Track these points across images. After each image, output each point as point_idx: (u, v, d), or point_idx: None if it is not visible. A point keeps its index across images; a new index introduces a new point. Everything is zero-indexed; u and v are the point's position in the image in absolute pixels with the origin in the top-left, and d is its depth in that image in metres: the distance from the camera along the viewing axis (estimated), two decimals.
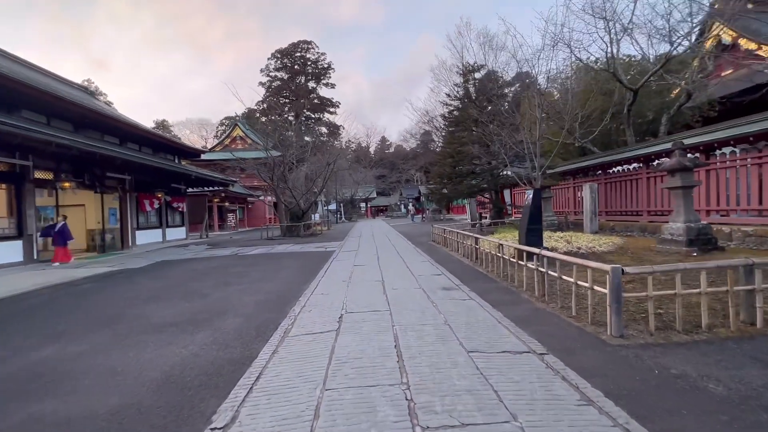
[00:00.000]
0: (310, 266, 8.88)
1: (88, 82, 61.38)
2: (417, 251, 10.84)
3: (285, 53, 63.49)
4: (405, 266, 8.14)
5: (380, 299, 5.28)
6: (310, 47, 64.04)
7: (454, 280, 6.47)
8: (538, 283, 5.14)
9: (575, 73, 15.02)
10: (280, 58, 63.62)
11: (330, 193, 42.41)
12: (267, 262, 10.00)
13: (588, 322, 3.94)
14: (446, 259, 9.15)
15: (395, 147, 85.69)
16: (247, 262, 10.31)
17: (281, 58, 63.64)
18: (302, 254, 11.63)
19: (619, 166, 12.14)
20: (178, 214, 19.65)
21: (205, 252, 13.68)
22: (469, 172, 13.99)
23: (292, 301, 5.42)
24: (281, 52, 63.25)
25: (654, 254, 7.24)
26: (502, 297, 5.25)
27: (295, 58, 64.09)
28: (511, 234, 10.79)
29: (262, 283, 7.03)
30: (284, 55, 63.60)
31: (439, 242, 12.16)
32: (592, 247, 8.07)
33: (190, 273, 8.77)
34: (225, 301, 5.72)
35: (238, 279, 7.59)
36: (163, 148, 18.41)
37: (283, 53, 63.30)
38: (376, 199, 64.10)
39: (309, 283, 6.70)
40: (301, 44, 63.35)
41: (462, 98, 14.16)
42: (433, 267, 7.94)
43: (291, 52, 63.64)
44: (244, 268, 9.05)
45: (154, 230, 17.25)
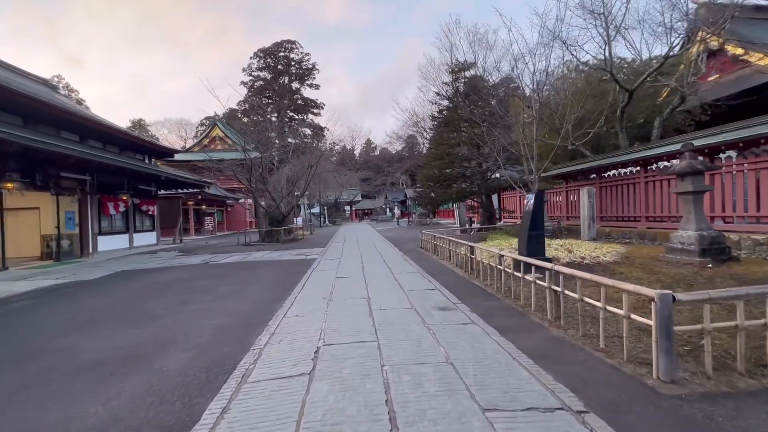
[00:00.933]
0: (287, 278, 7.94)
1: (58, 78, 58.34)
2: (405, 260, 10.04)
3: (268, 53, 62.03)
4: (393, 278, 7.31)
5: (366, 324, 4.42)
6: (294, 47, 62.83)
7: (450, 297, 5.67)
8: (550, 303, 4.39)
9: (567, 73, 14.61)
10: (263, 58, 62.13)
11: (313, 195, 41.30)
12: (239, 273, 9.00)
13: (623, 358, 3.19)
14: (438, 269, 8.36)
15: (380, 150, 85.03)
16: (217, 272, 9.27)
17: (264, 57, 62.15)
18: (280, 263, 10.65)
19: (615, 170, 11.67)
20: (147, 217, 18.28)
21: (174, 260, 12.52)
22: (459, 174, 13.30)
23: (260, 327, 4.50)
24: (264, 51, 61.78)
25: (665, 265, 6.64)
26: (509, 321, 4.47)
27: (279, 57, 62.71)
28: (506, 242, 10.12)
29: (228, 301, 6.06)
30: (267, 55, 62.14)
31: (429, 249, 11.40)
32: (596, 256, 7.44)
33: (148, 287, 7.70)
34: (178, 326, 4.75)
35: (201, 295, 6.59)
36: (131, 147, 17.08)
37: (266, 53, 61.84)
38: (361, 202, 63.20)
39: (283, 301, 5.79)
40: (285, 44, 62.08)
41: (451, 97, 13.49)
42: (425, 279, 7.13)
43: (274, 51, 62.24)
44: (212, 281, 8.03)
45: (119, 235, 15.89)
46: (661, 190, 9.82)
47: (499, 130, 11.83)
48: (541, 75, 10.05)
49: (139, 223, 17.49)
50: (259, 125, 29.55)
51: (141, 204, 17.12)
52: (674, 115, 14.16)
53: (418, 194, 14.46)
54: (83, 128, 13.89)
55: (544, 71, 10.44)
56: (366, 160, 79.21)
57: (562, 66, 13.41)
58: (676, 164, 7.08)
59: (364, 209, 63.74)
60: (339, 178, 49.31)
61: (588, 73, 15.62)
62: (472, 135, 12.38)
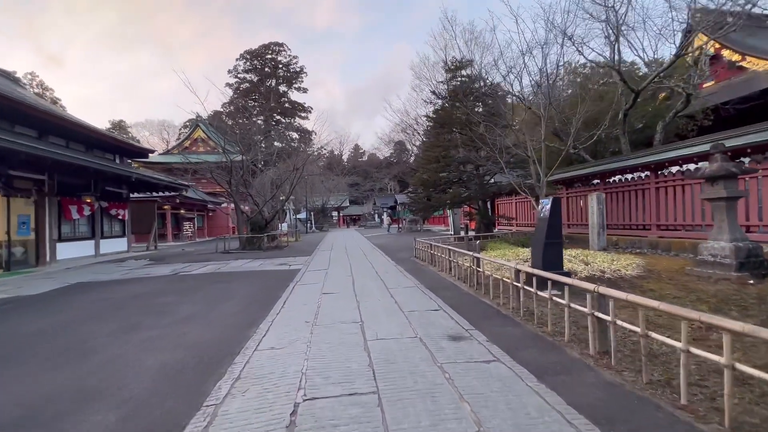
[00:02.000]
0: (266, 293, 6.87)
1: (31, 75, 55.97)
2: (399, 271, 9.07)
3: (255, 54, 60.79)
4: (388, 295, 6.33)
5: (360, 362, 3.42)
6: (282, 49, 61.77)
7: (460, 320, 4.72)
8: (593, 334, 3.49)
9: (568, 74, 14.04)
10: (250, 60, 60.86)
11: (300, 200, 40.06)
12: (210, 287, 7.86)
13: (726, 426, 2.28)
14: (438, 283, 7.42)
15: (369, 155, 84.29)
16: (185, 286, 8.11)
17: (251, 59, 60.88)
18: (259, 274, 9.54)
19: (621, 175, 11.00)
20: (117, 222, 16.85)
21: (141, 270, 11.24)
22: (455, 179, 12.45)
23: (222, 366, 3.46)
24: (251, 53, 60.53)
25: (698, 281, 5.85)
26: (542, 356, 3.54)
27: (266, 60, 61.50)
28: (511, 251, 9.27)
29: (189, 326, 4.97)
30: (254, 57, 60.88)
31: (425, 259, 10.46)
32: (617, 270, 6.62)
33: (98, 305, 6.51)
34: (115, 365, 3.66)
35: (157, 317, 5.47)
36: (100, 146, 15.70)
37: (252, 54, 60.59)
38: (348, 208, 62.05)
39: (257, 326, 4.74)
40: (273, 46, 60.99)
41: (447, 96, 12.69)
42: (425, 296, 6.17)
43: (261, 53, 61.02)
44: (177, 297, 6.89)
45: (83, 242, 14.46)
46: (674, 197, 9.15)
47: (500, 131, 11.06)
48: (547, 72, 9.34)
49: (107, 229, 16.05)
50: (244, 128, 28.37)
51: (109, 207, 15.72)
52: (674, 120, 13.70)
53: (411, 199, 13.55)
54: (43, 123, 12.52)
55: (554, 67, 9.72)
56: (354, 165, 78.27)
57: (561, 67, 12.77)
58: (705, 167, 6.34)
59: (352, 215, 62.61)
60: (326, 183, 48.16)
61: (587, 75, 15.08)
62: (470, 137, 11.58)
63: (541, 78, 9.60)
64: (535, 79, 9.39)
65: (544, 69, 9.50)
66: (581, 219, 12.25)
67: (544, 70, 9.59)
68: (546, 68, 9.36)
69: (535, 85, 10.01)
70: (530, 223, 15.59)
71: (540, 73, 9.46)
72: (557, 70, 9.84)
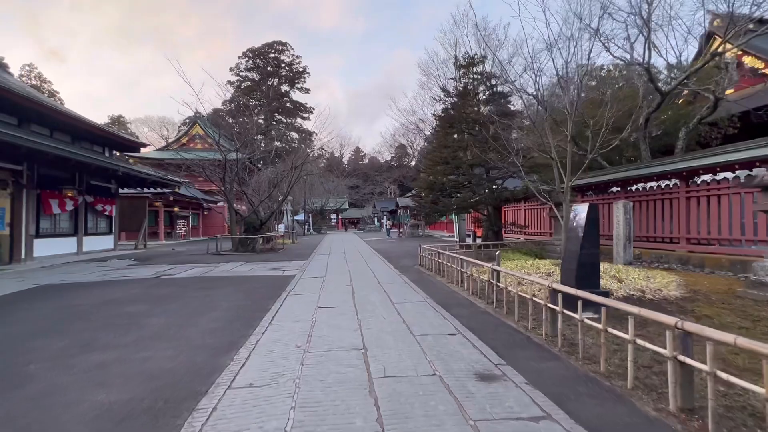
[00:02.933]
0: (252, 306, 5.99)
1: (29, 67, 55.27)
2: (404, 282, 8.20)
3: (258, 53, 60.18)
4: (395, 312, 5.46)
5: (364, 414, 2.55)
6: (285, 49, 61.20)
7: (485, 349, 3.86)
8: (674, 384, 2.63)
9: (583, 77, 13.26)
10: (252, 58, 60.25)
11: (298, 202, 39.20)
12: (191, 295, 6.98)
13: None
14: (449, 297, 6.56)
15: (369, 158, 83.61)
16: (164, 292, 7.22)
17: (253, 57, 60.27)
18: (249, 281, 8.66)
19: (645, 183, 10.20)
20: (104, 218, 15.94)
21: (123, 271, 10.35)
22: (465, 182, 11.60)
23: (179, 416, 2.59)
24: (254, 51, 59.91)
25: (756, 305, 5.01)
26: (606, 412, 2.67)
27: (269, 59, 60.91)
28: (527, 262, 8.43)
29: (153, 347, 4.09)
30: (257, 55, 60.27)
31: (431, 268, 9.60)
32: (657, 289, 5.77)
33: (58, 314, 5.62)
34: (38, 406, 2.78)
35: (120, 333, 4.59)
36: (87, 137, 14.85)
37: (255, 53, 59.97)
38: (348, 211, 61.11)
39: (236, 351, 3.87)
40: (276, 45, 60.41)
41: (459, 94, 11.87)
42: (438, 315, 5.30)
43: (264, 52, 60.42)
44: (150, 307, 6.00)
45: (64, 239, 13.55)
46: (707, 207, 8.33)
47: (516, 131, 10.25)
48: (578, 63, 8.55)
49: (91, 225, 15.15)
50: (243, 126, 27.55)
51: (95, 202, 14.83)
52: (696, 127, 12.93)
53: (416, 203, 12.69)
54: (23, 110, 11.67)
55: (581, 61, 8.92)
56: (354, 168, 77.54)
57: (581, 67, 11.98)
58: (762, 174, 5.52)
59: (350, 218, 61.68)
60: (326, 185, 47.36)
61: (602, 77, 14.32)
62: (481, 137, 10.77)
63: (567, 72, 8.81)
64: (557, 75, 8.63)
65: (569, 63, 8.70)
66: (601, 229, 11.40)
67: (570, 63, 8.78)
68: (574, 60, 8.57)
69: (555, 81, 9.23)
70: (542, 231, 14.76)
71: (566, 65, 8.65)
72: (587, 64, 9.04)
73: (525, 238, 15.99)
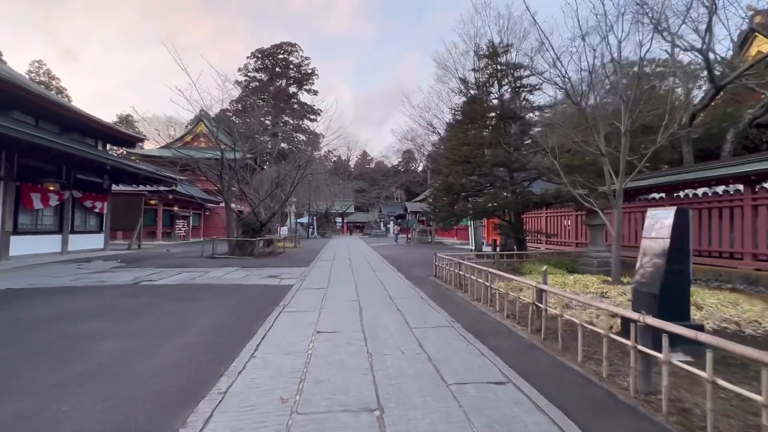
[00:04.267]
0: (234, 327, 4.80)
1: (38, 63, 55.31)
2: (420, 297, 6.97)
3: (266, 54, 59.70)
4: (415, 343, 4.23)
5: None
6: (294, 50, 60.71)
7: (558, 417, 2.62)
8: None
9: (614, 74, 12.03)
10: (261, 59, 59.77)
11: (303, 204, 38.16)
12: (166, 309, 5.81)
13: None
14: (480, 321, 5.32)
15: (376, 163, 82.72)
16: (134, 304, 6.06)
17: (262, 58, 59.80)
18: (239, 290, 7.48)
19: (694, 189, 8.91)
20: (93, 216, 14.93)
21: (102, 275, 9.24)
22: (487, 183, 10.34)
23: None
24: (262, 52, 59.44)
25: None
26: None
27: (278, 59, 60.40)
28: (571, 279, 7.15)
29: (83, 392, 2.91)
30: (265, 56, 59.79)
31: (449, 281, 8.38)
32: (754, 320, 4.48)
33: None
34: None
35: (47, 369, 3.42)
36: (78, 128, 13.88)
37: (264, 53, 59.50)
38: (353, 215, 59.99)
39: (191, 410, 2.67)
40: (285, 46, 59.95)
41: (481, 86, 10.64)
42: (473, 350, 4.06)
43: (273, 53, 59.94)
44: (110, 324, 4.84)
45: (47, 236, 12.51)
46: None
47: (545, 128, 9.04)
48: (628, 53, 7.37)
49: (79, 222, 14.13)
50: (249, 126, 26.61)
51: (84, 198, 13.82)
52: (745, 129, 11.61)
53: (430, 207, 11.47)
54: (2, 95, 10.70)
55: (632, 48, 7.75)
56: (361, 172, 76.64)
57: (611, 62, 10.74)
58: None
59: (356, 222, 60.54)
60: (332, 187, 46.28)
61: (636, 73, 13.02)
62: (509, 134, 9.57)
63: (620, 55, 7.59)
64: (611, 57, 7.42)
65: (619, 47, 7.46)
66: (636, 240, 10.10)
67: (623, 46, 7.55)
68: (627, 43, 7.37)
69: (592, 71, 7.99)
70: (571, 241, 13.38)
71: (619, 46, 7.44)
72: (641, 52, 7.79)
73: (546, 248, 14.68)
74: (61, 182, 12.35)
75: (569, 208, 13.38)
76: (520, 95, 10.24)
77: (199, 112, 35.17)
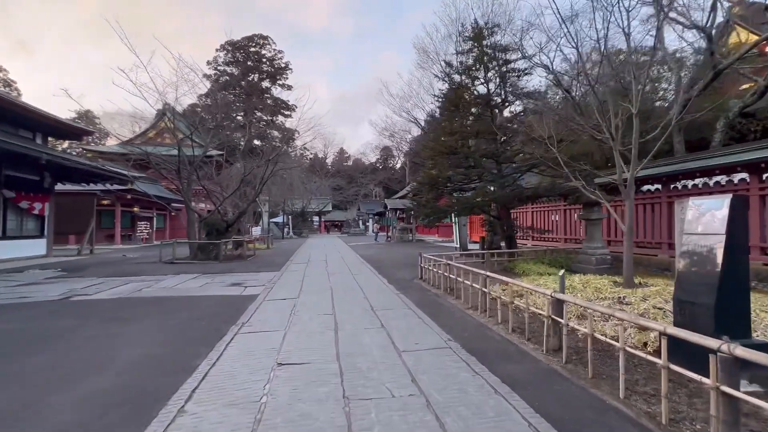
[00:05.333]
0: (168, 360, 3.68)
1: None
2: (407, 306, 6.01)
3: (237, 47, 57.08)
4: (407, 375, 3.25)
5: None
6: (267, 43, 58.49)
7: None
8: None
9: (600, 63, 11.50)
10: (232, 51, 57.13)
11: (277, 203, 36.52)
12: (85, 335, 4.59)
13: None
14: (482, 339, 4.41)
15: (354, 160, 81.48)
16: (48, 327, 4.79)
17: (233, 51, 57.16)
18: (190, 304, 6.28)
19: (692, 179, 8.39)
20: (32, 219, 13.13)
21: (29, 288, 7.77)
22: (475, 176, 9.47)
23: None
24: (233, 44, 56.72)
25: None
26: None
27: (249, 53, 57.95)
28: (576, 281, 6.37)
29: None
30: (236, 49, 57.17)
31: (437, 284, 7.48)
32: None
33: None
34: None
35: None
36: (7, 118, 12.08)
37: (235, 46, 56.84)
38: (331, 213, 58.53)
39: None
40: (257, 38, 57.67)
41: (466, 69, 9.75)
42: (482, 384, 3.12)
43: (244, 46, 57.42)
44: (1, 363, 3.61)
45: None
46: None
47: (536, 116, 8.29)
48: None
49: (13, 226, 12.34)
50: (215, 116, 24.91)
51: (18, 198, 12.06)
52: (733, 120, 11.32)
53: (413, 203, 10.54)
54: None
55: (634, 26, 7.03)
56: (338, 170, 75.21)
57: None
58: None
59: (334, 221, 59.16)
60: (308, 185, 44.73)
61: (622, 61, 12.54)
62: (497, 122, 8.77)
63: (630, 30, 6.84)
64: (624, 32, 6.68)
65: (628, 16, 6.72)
66: (645, 235, 9.48)
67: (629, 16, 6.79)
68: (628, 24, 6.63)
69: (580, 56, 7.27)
70: (556, 237, 12.82)
71: (628, 15, 6.70)
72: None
73: (533, 244, 14.09)
74: None
75: (557, 203, 12.80)
76: (507, 81, 9.45)
77: (163, 106, 32.95)
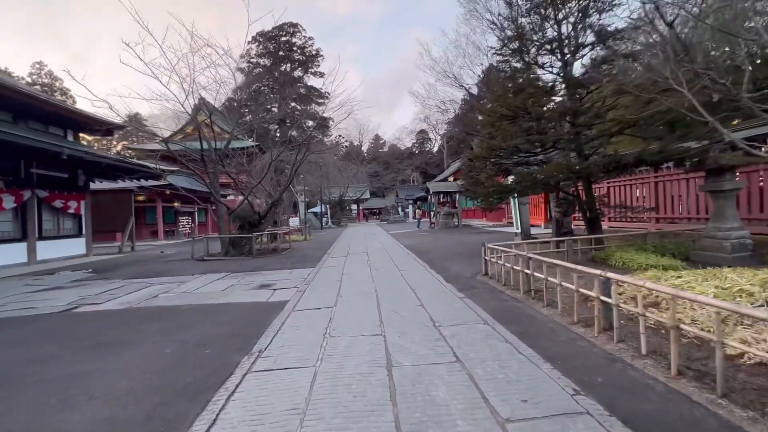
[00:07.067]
0: (149, 419, 2.34)
1: (40, 65, 54.29)
2: (482, 321, 4.39)
3: (268, 37, 56.68)
4: None
5: None
6: (297, 31, 57.64)
7: None
8: None
9: None
10: (263, 43, 56.90)
11: (314, 193, 35.85)
12: (57, 373, 3.43)
13: None
14: (632, 392, 2.70)
15: (389, 146, 79.70)
16: (24, 359, 3.72)
17: (264, 42, 56.91)
18: (205, 317, 5.06)
19: None
20: (69, 218, 12.90)
21: (44, 294, 7.06)
22: (549, 142, 7.37)
23: None
24: (264, 35, 56.38)
25: None
26: None
27: (280, 42, 57.48)
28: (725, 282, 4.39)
29: None
30: (267, 39, 56.84)
31: (508, 282, 5.77)
32: None
33: None
34: None
35: None
36: (37, 115, 11.71)
37: (266, 37, 56.48)
38: (369, 200, 57.45)
39: None
40: (287, 27, 56.84)
41: (536, 6, 7.60)
42: None
43: (275, 36, 56.90)
44: None
45: (5, 245, 10.50)
46: None
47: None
48: None
49: (50, 226, 12.09)
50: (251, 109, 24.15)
51: (51, 198, 11.74)
52: None
53: (469, 181, 8.72)
54: None
55: None
56: (374, 156, 73.89)
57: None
58: None
59: (372, 208, 58.06)
60: (345, 173, 43.71)
61: None
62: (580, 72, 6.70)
63: None
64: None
65: None
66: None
67: None
68: None
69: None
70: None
71: None
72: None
73: (609, 226, 11.76)
74: (17, 180, 10.26)
75: (646, 174, 10.39)
76: (589, 17, 7.25)
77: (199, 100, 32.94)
